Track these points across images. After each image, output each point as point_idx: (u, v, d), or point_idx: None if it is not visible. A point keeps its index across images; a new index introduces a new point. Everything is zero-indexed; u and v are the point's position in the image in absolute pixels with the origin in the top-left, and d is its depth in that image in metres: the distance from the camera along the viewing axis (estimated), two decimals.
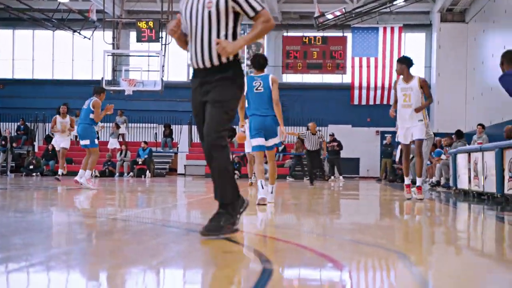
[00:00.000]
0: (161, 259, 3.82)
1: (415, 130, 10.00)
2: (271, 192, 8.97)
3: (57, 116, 17.08)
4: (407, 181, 10.37)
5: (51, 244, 4.43)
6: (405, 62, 10.00)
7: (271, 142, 8.75)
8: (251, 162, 15.70)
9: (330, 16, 27.18)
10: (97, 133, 21.46)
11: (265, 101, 8.49)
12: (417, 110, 9.90)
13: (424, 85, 10.02)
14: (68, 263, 3.67)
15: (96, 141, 13.14)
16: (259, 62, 8.59)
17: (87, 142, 12.92)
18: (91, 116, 12.86)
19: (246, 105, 8.62)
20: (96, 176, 22.44)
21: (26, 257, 3.80)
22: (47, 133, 28.28)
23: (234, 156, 25.38)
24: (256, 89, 8.49)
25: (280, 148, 27.19)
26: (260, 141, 8.63)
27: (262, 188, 8.55)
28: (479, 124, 17.62)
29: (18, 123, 29.10)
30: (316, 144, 18.16)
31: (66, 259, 3.77)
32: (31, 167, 24.54)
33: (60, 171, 16.41)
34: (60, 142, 16.91)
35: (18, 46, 31.45)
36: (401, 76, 10.14)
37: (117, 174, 24.56)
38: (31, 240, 4.65)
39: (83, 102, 13.44)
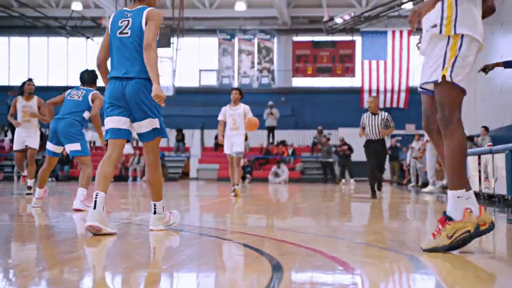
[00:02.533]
0: (172, 263, 3.79)
1: None
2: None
3: (19, 97, 11.56)
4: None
5: (63, 249, 4.41)
6: None
7: None
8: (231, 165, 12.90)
9: (339, 20, 27.14)
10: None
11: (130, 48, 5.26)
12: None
13: None
14: (81, 267, 3.64)
15: (88, 148, 8.55)
16: None
17: (76, 147, 8.33)
18: (86, 114, 8.53)
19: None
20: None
21: (31, 264, 3.79)
22: None
23: (245, 159, 25.36)
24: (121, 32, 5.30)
25: (290, 151, 27.12)
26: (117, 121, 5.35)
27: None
28: (483, 127, 17.60)
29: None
30: (377, 128, 12.10)
31: (78, 263, 3.75)
32: None
33: (29, 182, 11.44)
34: (25, 138, 11.58)
35: (33, 53, 31.60)
36: None
37: (130, 178, 24.59)
38: (42, 245, 4.63)
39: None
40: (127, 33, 5.22)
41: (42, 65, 31.36)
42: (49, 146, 8.47)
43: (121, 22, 5.27)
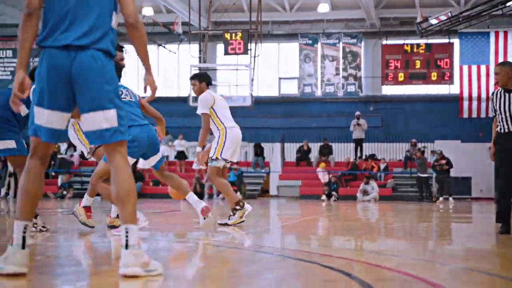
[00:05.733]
0: (258, 287, 3.79)
1: None
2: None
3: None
4: None
5: None
6: None
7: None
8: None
9: (434, 21, 26.71)
10: None
11: None
12: None
13: None
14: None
15: None
16: None
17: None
18: None
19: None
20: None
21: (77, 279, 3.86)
22: None
23: (330, 175, 25.23)
24: None
25: (382, 166, 26.80)
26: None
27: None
28: None
29: None
30: None
31: (159, 285, 3.80)
32: None
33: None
34: None
35: None
36: None
37: (206, 196, 24.85)
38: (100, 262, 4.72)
39: (170, 120, 10.44)
40: None
41: None
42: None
43: None
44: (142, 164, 7.85)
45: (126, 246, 3.94)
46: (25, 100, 4.45)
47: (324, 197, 23.87)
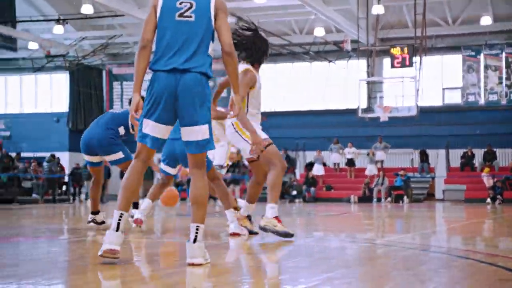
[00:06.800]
0: (434, 285, 3.77)
1: None
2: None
3: None
4: None
5: (321, 268, 4.59)
6: None
7: None
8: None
9: None
10: None
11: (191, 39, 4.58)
12: None
13: None
14: (340, 287, 3.78)
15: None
16: None
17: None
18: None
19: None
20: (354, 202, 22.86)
21: (302, 279, 4.00)
22: (307, 161, 29.22)
23: (495, 179, 24.15)
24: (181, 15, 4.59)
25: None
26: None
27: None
28: None
29: (281, 152, 30.54)
30: None
31: (338, 283, 3.88)
32: (294, 192, 25.60)
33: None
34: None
35: (278, 79, 33.09)
36: None
37: (375, 199, 24.67)
38: (306, 263, 4.87)
39: (336, 131, 9.37)
40: (190, 16, 4.53)
41: (286, 90, 32.65)
42: None
43: (179, 4, 4.53)
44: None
45: (194, 241, 4.46)
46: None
47: (489, 200, 22.92)
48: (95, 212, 8.11)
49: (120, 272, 4.24)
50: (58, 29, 27.15)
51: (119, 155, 7.78)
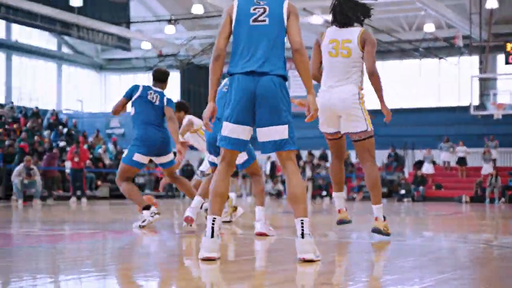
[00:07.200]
0: None
1: None
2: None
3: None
4: None
5: (437, 268, 4.49)
6: None
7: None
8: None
9: None
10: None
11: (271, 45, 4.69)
12: None
13: None
14: None
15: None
16: None
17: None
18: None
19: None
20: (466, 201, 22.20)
21: (416, 280, 3.93)
22: (416, 159, 28.64)
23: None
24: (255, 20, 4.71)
25: None
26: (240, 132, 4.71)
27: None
28: None
29: (389, 150, 30.05)
30: None
31: (456, 284, 3.79)
32: (403, 191, 25.14)
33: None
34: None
35: (386, 77, 32.65)
36: None
37: (487, 200, 23.86)
38: (418, 263, 4.79)
39: (446, 129, 9.31)
40: (264, 20, 4.64)
41: (395, 88, 32.17)
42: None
43: (253, 9, 4.65)
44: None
45: (302, 235, 4.45)
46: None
47: None
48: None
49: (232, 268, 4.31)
50: (170, 29, 27.96)
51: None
